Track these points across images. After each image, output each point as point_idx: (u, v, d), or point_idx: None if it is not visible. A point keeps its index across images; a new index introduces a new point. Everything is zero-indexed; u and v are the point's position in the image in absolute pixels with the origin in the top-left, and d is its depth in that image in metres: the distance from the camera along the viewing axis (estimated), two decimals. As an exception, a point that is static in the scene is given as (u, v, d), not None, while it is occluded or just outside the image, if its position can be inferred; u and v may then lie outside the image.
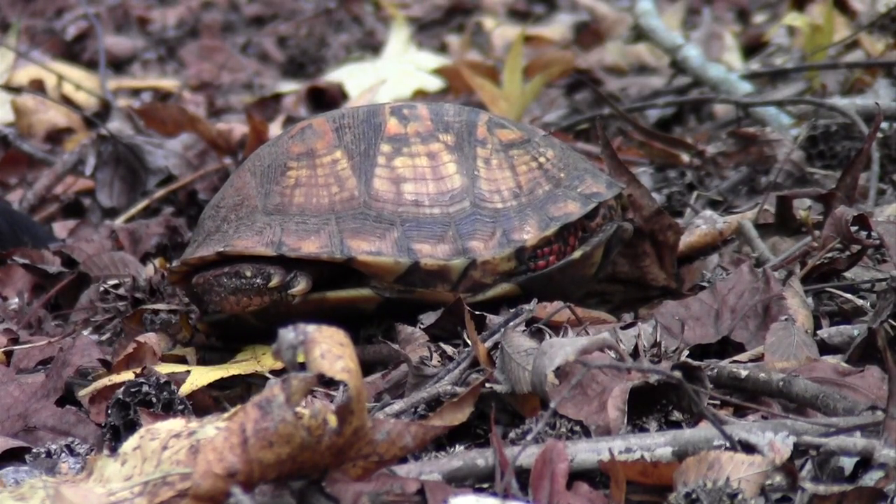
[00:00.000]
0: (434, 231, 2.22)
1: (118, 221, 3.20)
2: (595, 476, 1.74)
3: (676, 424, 1.83)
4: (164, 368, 2.15)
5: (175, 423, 1.70)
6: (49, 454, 1.96)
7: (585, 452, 1.73)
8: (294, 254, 2.20)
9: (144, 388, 2.01)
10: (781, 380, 1.89)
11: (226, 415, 1.72)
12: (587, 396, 1.82)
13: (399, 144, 2.27)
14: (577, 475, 1.72)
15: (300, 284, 2.21)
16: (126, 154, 3.38)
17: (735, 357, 2.09)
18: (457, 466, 1.72)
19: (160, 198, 3.33)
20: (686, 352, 2.06)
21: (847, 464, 1.71)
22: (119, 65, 5.23)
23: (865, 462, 1.70)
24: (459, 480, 1.71)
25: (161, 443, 1.67)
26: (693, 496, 1.62)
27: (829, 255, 2.31)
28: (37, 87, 4.40)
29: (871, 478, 1.67)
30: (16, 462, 1.97)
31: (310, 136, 2.29)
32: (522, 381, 1.89)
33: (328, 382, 2.02)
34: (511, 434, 1.83)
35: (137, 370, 2.12)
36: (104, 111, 4.12)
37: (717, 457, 1.69)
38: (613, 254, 2.38)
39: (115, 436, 2.00)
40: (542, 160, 2.32)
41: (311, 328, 1.58)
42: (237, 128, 3.65)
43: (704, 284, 2.36)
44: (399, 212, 2.23)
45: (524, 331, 2.06)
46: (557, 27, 5.34)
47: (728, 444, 1.72)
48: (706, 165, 3.04)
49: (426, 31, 5.51)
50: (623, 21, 5.05)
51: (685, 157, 3.08)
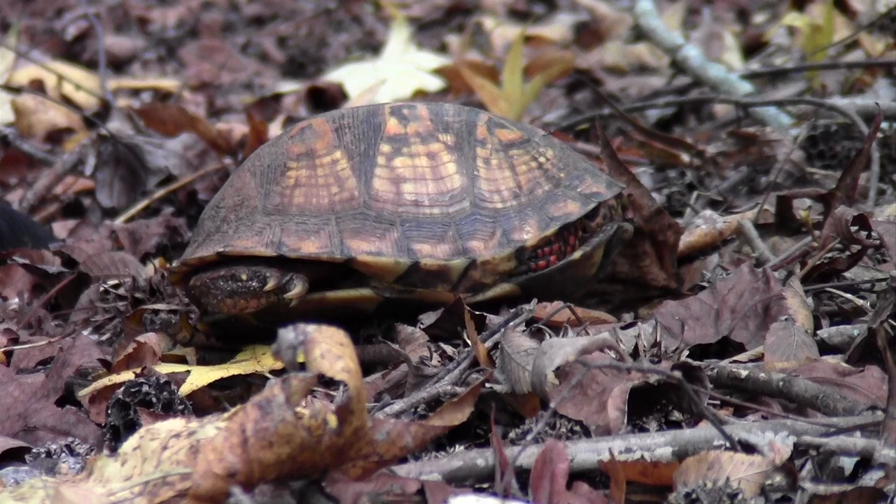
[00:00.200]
0: (434, 231, 2.22)
1: (118, 221, 3.20)
2: (595, 476, 1.74)
3: (676, 424, 1.83)
4: (164, 368, 2.15)
5: (175, 423, 1.70)
6: (49, 454, 1.96)
7: (585, 452, 1.73)
8: (294, 254, 2.20)
9: (144, 388, 2.01)
10: (781, 380, 1.89)
11: (226, 415, 1.72)
12: (587, 396, 1.82)
13: (399, 144, 2.27)
14: (577, 475, 1.72)
15: (296, 288, 2.20)
16: (126, 154, 3.38)
17: (735, 357, 2.09)
18: (457, 466, 1.71)
19: (160, 198, 3.33)
20: (686, 352, 2.06)
21: (847, 464, 1.71)
22: (119, 65, 5.23)
23: (865, 462, 1.70)
24: (459, 480, 1.71)
25: (161, 443, 1.67)
26: (693, 496, 1.62)
27: (829, 255, 2.31)
28: (37, 87, 4.40)
29: (871, 478, 1.67)
30: (16, 462, 1.97)
31: (310, 137, 2.29)
32: (522, 381, 1.89)
33: (328, 382, 2.02)
34: (511, 434, 1.83)
35: (137, 370, 2.12)
36: (104, 111, 4.12)
37: (717, 457, 1.69)
38: (614, 254, 2.38)
39: (115, 436, 2.00)
40: (542, 160, 2.32)
41: (311, 328, 1.58)
42: (237, 128, 3.65)
43: (704, 284, 2.36)
44: (399, 212, 2.23)
45: (524, 331, 2.06)
46: (557, 27, 5.34)
47: (728, 444, 1.72)
48: (706, 165, 3.04)
49: (426, 31, 5.51)
50: (623, 21, 5.05)
51: (685, 157, 3.08)
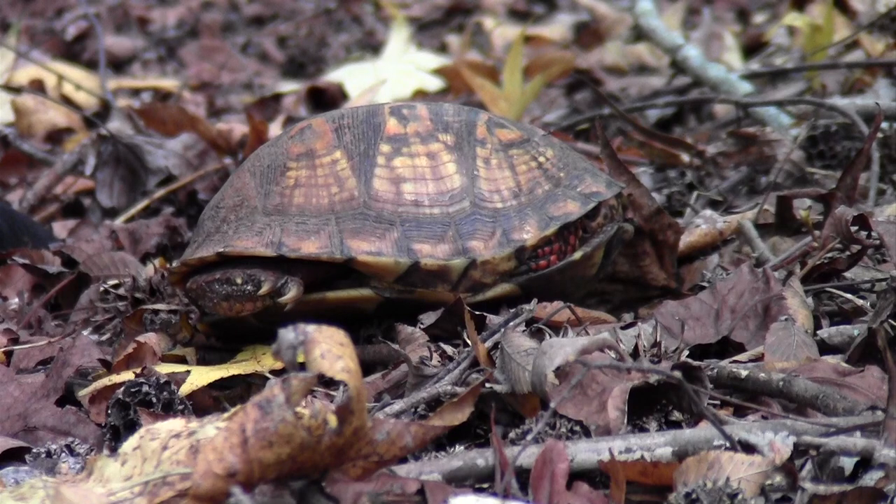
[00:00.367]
0: (434, 231, 2.22)
1: (118, 221, 3.20)
2: (595, 476, 1.74)
3: (676, 424, 1.83)
4: (164, 368, 2.15)
5: (175, 423, 1.70)
6: (49, 454, 1.96)
7: (585, 452, 1.73)
8: (294, 254, 2.20)
9: (144, 388, 2.01)
10: (781, 380, 1.89)
11: (226, 415, 1.72)
12: (587, 396, 1.82)
13: (399, 144, 2.27)
14: (577, 475, 1.72)
15: (291, 292, 2.20)
16: (126, 154, 3.38)
17: (735, 357, 2.09)
18: (457, 466, 1.71)
19: (160, 198, 3.33)
20: (686, 352, 2.06)
21: (847, 464, 1.71)
22: (119, 65, 5.23)
23: (865, 462, 1.70)
24: (459, 480, 1.71)
25: (161, 443, 1.67)
26: (693, 496, 1.62)
27: (829, 255, 2.31)
28: (37, 87, 4.40)
29: (871, 478, 1.67)
30: (16, 462, 1.97)
31: (309, 137, 2.29)
32: (522, 381, 1.89)
33: (328, 382, 2.02)
34: (511, 434, 1.83)
35: (137, 370, 2.12)
36: (104, 111, 4.12)
37: (717, 457, 1.69)
38: (614, 255, 2.38)
39: (115, 436, 2.00)
40: (542, 160, 2.32)
41: (311, 328, 1.58)
42: (237, 128, 3.65)
43: (704, 284, 2.36)
44: (399, 212, 2.23)
45: (524, 331, 2.06)
46: (557, 27, 5.34)
47: (728, 444, 1.72)
48: (706, 165, 3.04)
49: (426, 31, 5.51)
50: (623, 21, 5.05)
51: (685, 157, 3.08)
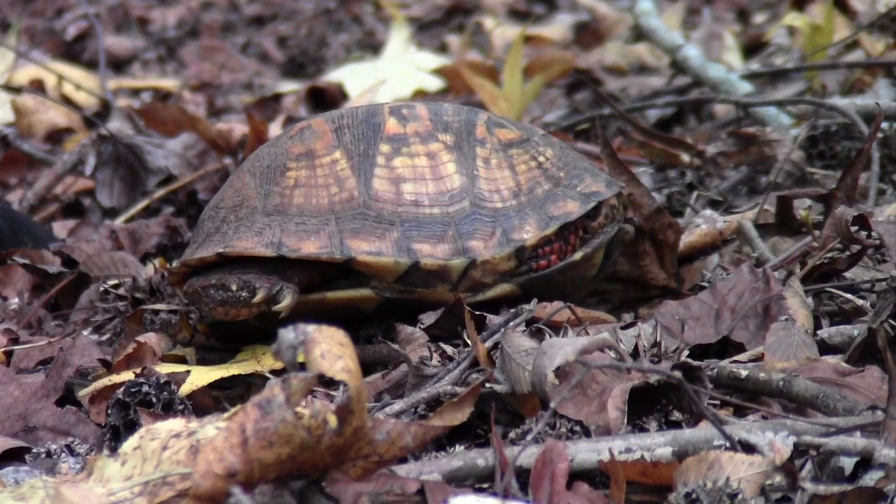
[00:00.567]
0: (434, 231, 2.22)
1: (118, 221, 3.20)
2: (595, 476, 1.74)
3: (676, 424, 1.83)
4: (164, 368, 2.15)
5: (175, 423, 1.70)
6: (49, 454, 1.96)
7: (585, 452, 1.73)
8: (294, 254, 2.19)
9: (144, 388, 2.01)
10: (781, 380, 1.89)
11: (226, 415, 1.72)
12: (587, 396, 1.82)
13: (398, 144, 2.27)
14: (577, 475, 1.72)
15: (286, 300, 2.19)
16: (126, 154, 3.38)
17: (735, 357, 2.09)
18: (457, 466, 1.71)
19: (160, 198, 3.33)
20: (686, 352, 2.06)
21: (847, 464, 1.71)
22: (119, 65, 5.23)
23: (865, 462, 1.70)
24: (459, 480, 1.71)
25: (161, 443, 1.67)
26: (693, 496, 1.62)
27: (829, 255, 2.31)
28: (37, 87, 4.40)
29: (871, 478, 1.67)
30: (16, 462, 1.97)
31: (309, 137, 2.29)
32: (522, 381, 1.89)
33: (328, 382, 2.02)
34: (511, 434, 1.83)
35: (137, 370, 2.12)
36: (104, 111, 4.12)
37: (717, 457, 1.69)
38: (614, 255, 2.38)
39: (115, 436, 2.00)
40: (542, 159, 2.32)
41: (311, 328, 1.58)
42: (237, 128, 3.65)
43: (704, 284, 2.36)
44: (399, 212, 2.23)
45: (524, 331, 2.06)
46: (557, 27, 5.34)
47: (728, 444, 1.72)
48: (706, 165, 3.04)
49: (426, 31, 5.51)
50: (623, 21, 5.05)
51: (685, 157, 3.08)
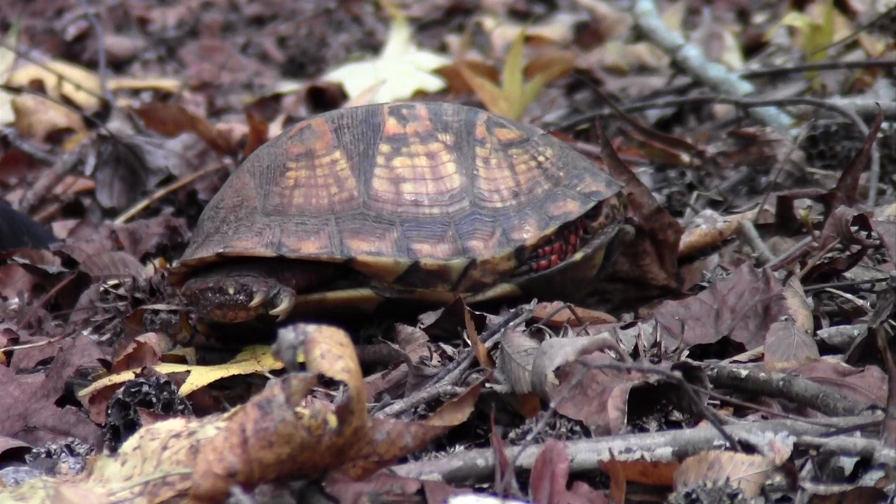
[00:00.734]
0: (434, 231, 2.22)
1: (118, 221, 3.20)
2: (595, 476, 1.74)
3: (676, 424, 1.83)
4: (164, 368, 2.15)
5: (175, 423, 1.70)
6: (49, 454, 1.96)
7: (585, 452, 1.73)
8: (294, 254, 2.19)
9: (144, 388, 2.01)
10: (781, 379, 1.89)
11: (226, 415, 1.72)
12: (587, 396, 1.82)
13: (398, 144, 2.27)
14: (577, 475, 1.72)
15: (283, 304, 2.19)
16: (126, 154, 3.38)
17: (735, 357, 2.09)
18: (457, 466, 1.71)
19: (160, 198, 3.33)
20: (686, 352, 2.06)
21: (847, 464, 1.71)
22: (119, 65, 5.23)
23: (865, 462, 1.70)
24: (459, 480, 1.71)
25: (161, 443, 1.67)
26: (693, 496, 1.62)
27: (829, 255, 2.31)
28: (37, 87, 4.40)
29: (871, 478, 1.67)
30: (16, 462, 1.97)
31: (309, 137, 2.29)
32: (522, 381, 1.89)
33: (328, 382, 2.02)
34: (511, 434, 1.83)
35: (137, 370, 2.12)
36: (104, 111, 4.12)
37: (717, 457, 1.69)
38: (615, 256, 2.38)
39: (115, 436, 2.00)
40: (542, 159, 2.32)
41: (311, 328, 1.58)
42: (237, 128, 3.65)
43: (704, 284, 2.36)
44: (398, 212, 2.23)
45: (524, 331, 2.06)
46: (557, 27, 5.34)
47: (728, 444, 1.72)
48: (706, 165, 3.04)
49: (426, 31, 5.51)
50: (623, 21, 5.05)
51: (685, 157, 3.08)
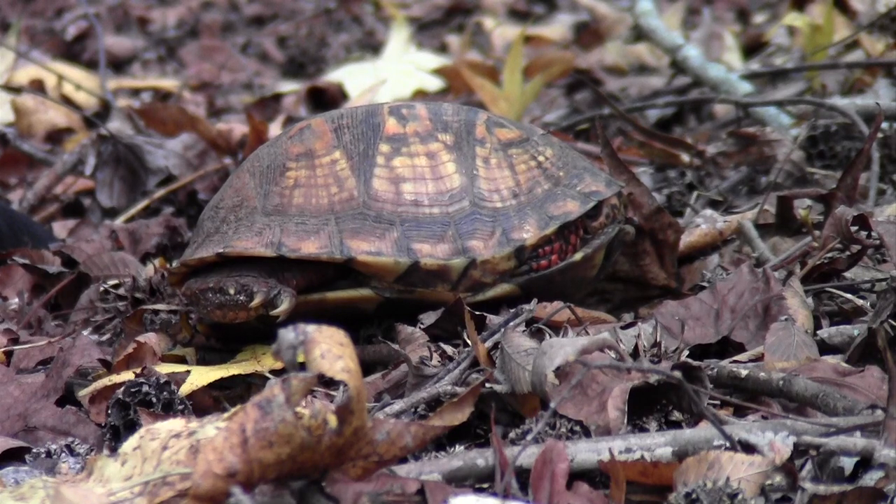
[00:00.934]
0: (434, 231, 2.22)
1: (118, 221, 3.20)
2: (595, 476, 1.74)
3: (676, 424, 1.83)
4: (164, 368, 2.15)
5: (175, 423, 1.70)
6: (49, 454, 1.96)
7: (585, 452, 1.73)
8: (294, 254, 2.19)
9: (144, 388, 2.01)
10: (781, 379, 1.89)
11: (226, 415, 1.72)
12: (587, 396, 1.82)
13: (398, 144, 2.27)
14: (577, 475, 1.72)
15: (283, 304, 2.19)
16: (126, 154, 3.38)
17: (735, 357, 2.09)
18: (457, 466, 1.71)
19: (160, 198, 3.33)
20: (686, 352, 2.06)
21: (847, 464, 1.71)
22: (119, 65, 5.23)
23: (865, 462, 1.70)
24: (459, 480, 1.71)
25: (161, 443, 1.67)
26: (693, 496, 1.62)
27: (829, 255, 2.31)
28: (37, 87, 4.40)
29: (871, 478, 1.67)
30: (16, 462, 1.97)
31: (308, 137, 2.29)
32: (522, 381, 1.89)
33: (328, 382, 2.02)
34: (511, 434, 1.83)
35: (137, 370, 2.12)
36: (104, 111, 4.12)
37: (717, 457, 1.69)
38: (615, 256, 2.38)
39: (115, 436, 1.99)
40: (542, 159, 2.32)
41: (311, 328, 1.58)
42: (237, 128, 3.65)
43: (704, 284, 2.36)
44: (398, 212, 2.23)
45: (524, 331, 2.06)
46: (557, 27, 5.34)
47: (728, 444, 1.72)
48: (706, 165, 3.04)
49: (426, 31, 5.51)
50: (623, 21, 5.05)
51: (685, 157, 3.08)
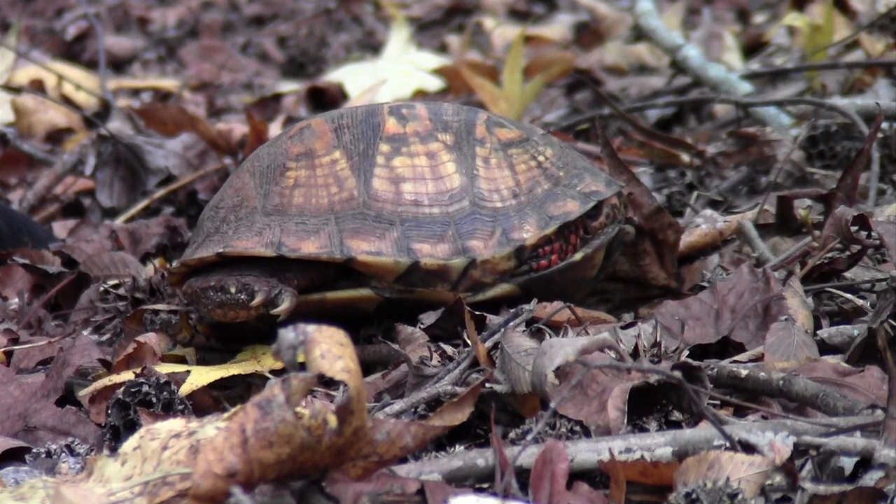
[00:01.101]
0: (434, 230, 2.22)
1: (118, 221, 3.20)
2: (595, 476, 1.74)
3: (676, 424, 1.83)
4: (164, 368, 2.15)
5: (175, 423, 1.70)
6: (49, 454, 1.96)
7: (585, 452, 1.73)
8: (294, 254, 2.19)
9: (144, 388, 2.01)
10: (781, 379, 1.89)
11: (226, 415, 1.72)
12: (587, 396, 1.82)
13: (398, 144, 2.27)
14: (577, 475, 1.72)
15: (284, 303, 2.19)
16: (126, 154, 3.38)
17: (735, 357, 2.09)
18: (457, 466, 1.71)
19: (160, 198, 3.33)
20: (686, 352, 2.06)
21: (847, 464, 1.71)
22: (119, 65, 5.23)
23: (865, 462, 1.70)
24: (459, 480, 1.71)
25: (161, 443, 1.67)
26: (693, 496, 1.62)
27: (829, 255, 2.31)
28: (37, 87, 4.40)
29: (871, 478, 1.67)
30: (16, 462, 1.97)
31: (308, 137, 2.29)
32: (522, 381, 1.89)
33: (328, 382, 2.02)
34: (511, 434, 1.83)
35: (137, 370, 2.12)
36: (104, 111, 4.12)
37: (717, 457, 1.69)
38: (615, 256, 2.38)
39: (115, 436, 1.99)
40: (541, 159, 2.32)
41: (311, 328, 1.58)
42: (237, 128, 3.65)
43: (704, 284, 2.36)
44: (398, 211, 2.23)
45: (524, 331, 2.06)
46: (557, 27, 5.34)
47: (728, 444, 1.72)
48: (706, 165, 3.04)
49: (426, 31, 5.51)
50: (623, 21, 5.05)
51: (685, 157, 3.08)
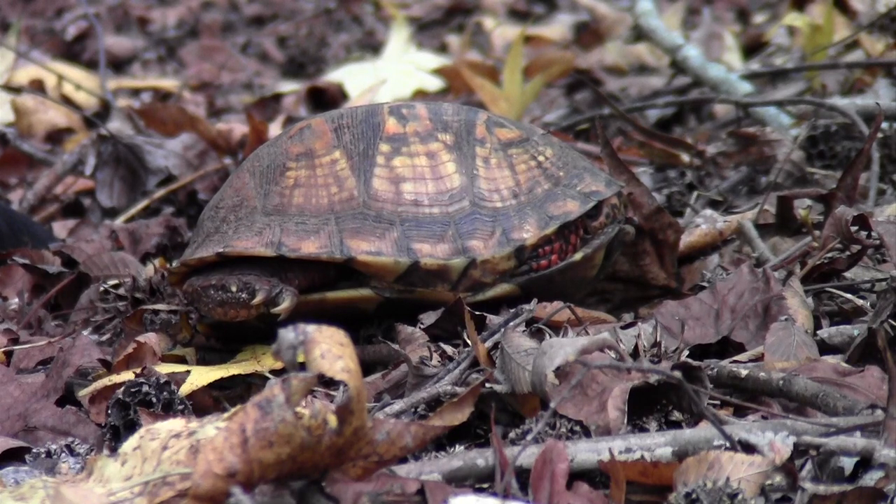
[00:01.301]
0: (434, 230, 2.22)
1: (118, 221, 3.20)
2: (595, 476, 1.74)
3: (676, 424, 1.83)
4: (164, 368, 2.15)
5: (175, 423, 1.70)
6: (49, 454, 1.96)
7: (585, 452, 1.73)
8: (294, 254, 2.19)
9: (144, 388, 2.01)
10: (781, 379, 1.89)
11: (226, 415, 1.72)
12: (587, 396, 1.82)
13: (398, 144, 2.27)
14: (577, 475, 1.72)
15: (284, 302, 2.19)
16: (126, 154, 3.38)
17: (735, 357, 2.09)
18: (457, 466, 1.71)
19: (160, 198, 3.33)
20: (686, 352, 2.06)
21: (847, 464, 1.71)
22: (119, 65, 5.23)
23: (865, 462, 1.70)
24: (459, 480, 1.71)
25: (161, 443, 1.67)
26: (693, 496, 1.62)
27: (829, 255, 2.31)
28: (37, 87, 4.40)
29: (871, 478, 1.67)
30: (16, 462, 1.97)
31: (308, 137, 2.29)
32: (522, 381, 1.89)
33: (328, 382, 2.02)
34: (511, 434, 1.83)
35: (137, 370, 2.12)
36: (104, 111, 4.12)
37: (717, 457, 1.69)
38: (615, 256, 2.38)
39: (115, 436, 1.99)
40: (542, 159, 2.32)
41: (311, 328, 1.58)
42: (237, 128, 3.65)
43: (704, 284, 2.36)
44: (398, 211, 2.23)
45: (524, 331, 2.06)
46: (557, 27, 5.34)
47: (728, 444, 1.72)
48: (706, 165, 3.04)
49: (426, 31, 5.51)
50: (623, 21, 5.05)
51: (685, 157, 3.08)
